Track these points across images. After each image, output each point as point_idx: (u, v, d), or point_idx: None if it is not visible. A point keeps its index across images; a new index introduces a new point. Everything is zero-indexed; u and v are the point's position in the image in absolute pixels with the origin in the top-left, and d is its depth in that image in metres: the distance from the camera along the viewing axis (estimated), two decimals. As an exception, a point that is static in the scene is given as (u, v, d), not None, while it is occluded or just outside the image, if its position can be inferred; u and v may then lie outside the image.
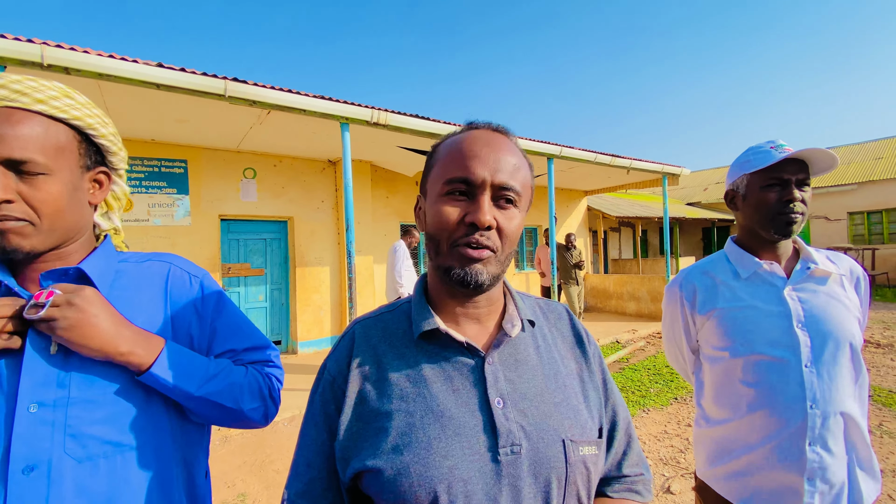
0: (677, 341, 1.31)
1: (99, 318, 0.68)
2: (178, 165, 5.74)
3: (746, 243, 1.21)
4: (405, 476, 0.56)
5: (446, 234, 0.61)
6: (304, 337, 6.63)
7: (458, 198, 0.61)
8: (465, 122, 0.69)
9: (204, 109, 4.48)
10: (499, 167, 0.61)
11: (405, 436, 0.58)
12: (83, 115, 0.73)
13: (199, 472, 0.86)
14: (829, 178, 15.00)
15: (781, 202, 1.10)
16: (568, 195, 10.58)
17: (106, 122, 0.78)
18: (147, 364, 0.72)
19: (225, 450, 3.51)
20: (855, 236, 14.45)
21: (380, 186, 7.48)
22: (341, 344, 0.69)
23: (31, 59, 3.14)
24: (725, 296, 1.18)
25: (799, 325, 1.08)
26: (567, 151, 6.82)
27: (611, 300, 9.84)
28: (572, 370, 0.70)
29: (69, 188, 0.71)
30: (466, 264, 0.60)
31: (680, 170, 8.61)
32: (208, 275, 0.91)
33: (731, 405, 1.14)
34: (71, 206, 0.72)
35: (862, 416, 1.07)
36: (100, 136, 0.76)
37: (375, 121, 4.86)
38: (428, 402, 0.60)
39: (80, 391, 0.69)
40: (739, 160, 1.19)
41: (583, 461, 0.61)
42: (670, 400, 4.38)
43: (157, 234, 5.56)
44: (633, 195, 16.89)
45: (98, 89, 3.86)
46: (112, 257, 0.81)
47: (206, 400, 0.78)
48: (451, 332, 0.64)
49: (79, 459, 0.67)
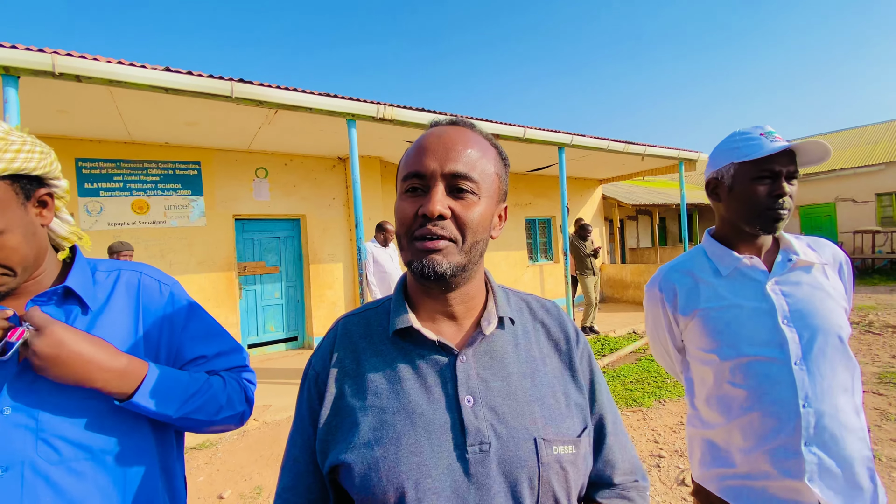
0: (662, 342, 1.26)
1: (63, 359, 0.68)
2: (192, 167, 5.85)
3: (726, 236, 1.16)
4: (374, 471, 0.57)
5: (405, 230, 0.62)
6: (319, 332, 6.73)
7: (415, 193, 0.62)
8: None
9: (213, 111, 4.54)
10: (450, 157, 0.61)
11: (376, 431, 0.59)
12: (6, 163, 0.68)
13: (177, 478, 0.88)
14: (855, 159, 14.46)
15: (771, 197, 1.04)
16: (582, 184, 10.44)
17: (28, 150, 0.72)
18: (126, 394, 0.73)
19: (242, 444, 3.60)
20: (883, 218, 13.91)
21: (389, 182, 7.50)
22: (325, 340, 0.71)
23: (44, 68, 3.22)
24: (707, 295, 1.12)
25: (785, 321, 1.03)
26: (578, 140, 6.72)
27: (628, 290, 9.70)
28: (554, 369, 0.69)
29: (24, 232, 0.72)
30: (423, 256, 0.60)
31: (697, 155, 8.41)
32: (178, 283, 0.93)
33: (723, 408, 1.09)
34: (31, 245, 0.73)
35: (856, 410, 1.02)
36: (30, 171, 0.73)
37: (382, 116, 4.87)
38: (400, 398, 0.61)
39: (52, 396, 0.71)
40: (725, 146, 1.12)
41: (558, 461, 0.60)
42: (679, 395, 4.30)
43: (174, 235, 5.69)
44: (650, 182, 16.57)
45: (110, 95, 3.95)
46: (87, 269, 0.83)
47: (185, 418, 0.80)
48: (422, 330, 0.64)
49: (52, 462, 0.69)
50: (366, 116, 4.79)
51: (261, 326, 6.55)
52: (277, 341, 6.70)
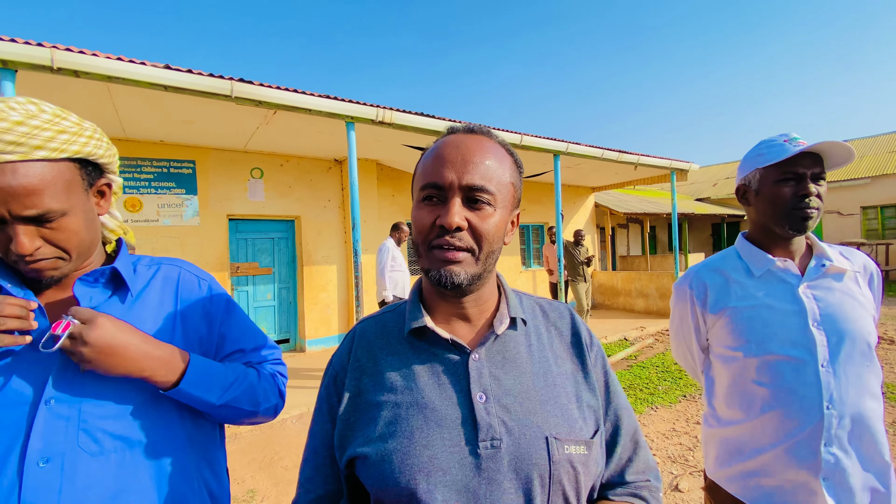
0: (686, 340, 1.28)
1: (116, 349, 0.70)
2: (187, 166, 5.79)
3: (759, 239, 1.18)
4: (388, 462, 0.60)
5: (422, 238, 0.64)
6: (311, 335, 6.68)
7: (432, 203, 0.63)
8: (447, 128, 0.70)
9: (210, 110, 4.51)
10: (467, 169, 0.62)
11: (391, 425, 0.62)
12: (80, 146, 0.72)
13: (220, 469, 0.90)
14: (841, 173, 14.76)
15: (797, 197, 1.07)
16: (575, 192, 10.53)
17: (98, 138, 0.77)
18: (171, 382, 0.76)
19: (234, 447, 3.55)
20: (868, 231, 14.21)
21: (386, 185, 7.50)
22: (345, 341, 0.75)
23: (42, 62, 3.18)
24: (738, 294, 1.14)
25: (815, 323, 1.05)
26: (574, 148, 6.78)
27: (619, 297, 9.78)
28: (566, 370, 0.70)
29: (85, 217, 0.75)
30: (441, 266, 0.62)
31: (689, 165, 8.52)
32: (214, 279, 0.95)
33: (744, 405, 1.12)
34: (89, 230, 0.76)
35: (879, 416, 1.04)
36: (97, 157, 0.77)
37: (381, 119, 4.87)
38: (415, 394, 0.64)
39: (96, 387, 0.72)
40: (751, 154, 1.16)
41: (569, 460, 0.61)
42: (679, 397, 4.35)
43: (167, 234, 5.63)
44: (642, 191, 16.74)
45: (107, 91, 3.91)
46: (129, 259, 0.86)
47: (226, 406, 0.83)
48: (436, 330, 0.66)
49: (91, 454, 0.70)
50: (365, 119, 4.79)
51: (252, 328, 6.49)
52: (269, 343, 6.64)
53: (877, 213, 14.07)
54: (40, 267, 0.70)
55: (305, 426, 3.88)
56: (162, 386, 0.75)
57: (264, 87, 4.15)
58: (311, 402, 4.29)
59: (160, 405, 0.78)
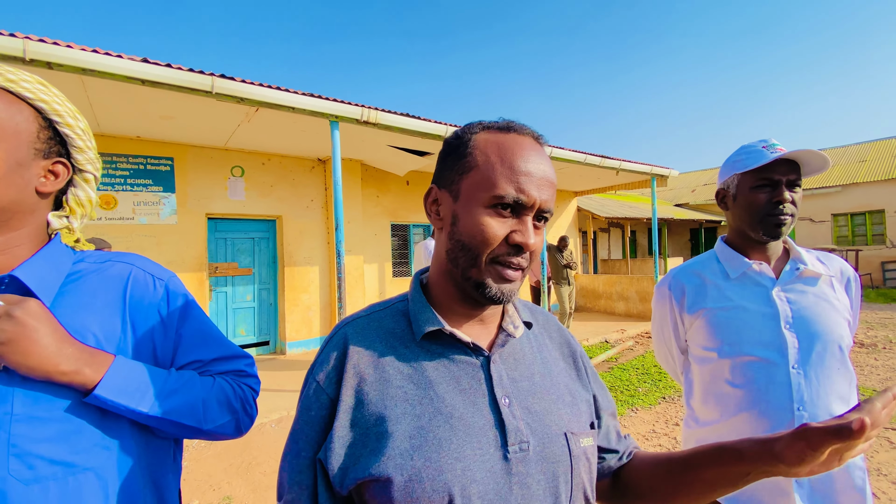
0: (666, 341, 1.30)
1: (39, 334, 0.63)
2: (164, 163, 5.65)
3: (736, 243, 1.20)
4: (418, 481, 0.53)
5: (487, 249, 0.60)
6: (292, 337, 6.57)
7: (502, 212, 0.59)
8: (500, 119, 0.65)
9: (190, 106, 4.41)
10: (545, 188, 0.61)
11: (413, 439, 0.56)
12: (51, 100, 0.70)
13: (170, 492, 0.80)
14: (813, 181, 15.25)
15: (771, 203, 1.09)
16: (558, 196, 10.62)
17: (77, 116, 0.75)
18: (92, 384, 0.66)
19: (210, 452, 3.46)
20: (839, 237, 14.71)
21: (370, 185, 7.44)
22: (328, 348, 0.64)
23: (13, 53, 3.07)
24: (714, 296, 1.17)
25: (787, 325, 1.07)
26: (557, 152, 6.84)
27: (600, 300, 9.90)
28: (562, 369, 0.72)
29: (10, 161, 0.66)
30: (502, 283, 0.60)
31: (668, 171, 8.69)
32: (175, 278, 0.84)
33: (719, 406, 1.13)
34: (8, 180, 0.66)
35: None
36: (64, 126, 0.73)
37: (366, 119, 4.83)
38: (435, 403, 0.59)
39: (25, 407, 0.64)
40: (731, 159, 1.18)
41: (584, 452, 0.63)
42: (658, 399, 4.40)
43: (143, 232, 5.47)
44: (623, 196, 17.01)
45: (81, 85, 3.79)
46: (60, 259, 0.75)
47: (163, 419, 0.72)
48: (457, 333, 0.63)
49: (25, 482, 0.62)
50: (349, 119, 4.74)
51: (231, 330, 6.35)
52: (248, 346, 6.50)
53: (847, 220, 14.57)
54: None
55: (284, 431, 3.80)
56: (82, 388, 0.66)
57: (246, 83, 4.07)
58: (290, 406, 4.21)
59: (109, 424, 0.69)
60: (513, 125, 0.64)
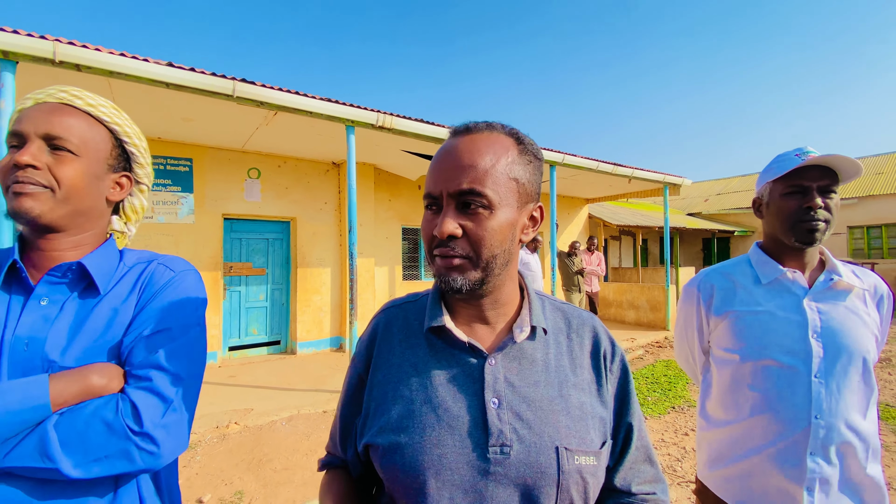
0: (689, 341, 1.31)
1: None
2: (184, 164, 5.77)
3: (771, 250, 1.20)
4: (399, 455, 0.62)
5: (427, 246, 0.66)
6: (303, 337, 6.64)
7: (432, 211, 0.65)
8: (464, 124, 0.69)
9: (211, 109, 4.52)
10: (455, 175, 0.61)
11: (403, 419, 0.64)
12: (123, 123, 0.82)
13: (168, 484, 0.79)
14: (829, 192, 15.03)
15: (802, 209, 1.08)
16: (569, 203, 10.61)
17: (141, 137, 0.87)
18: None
19: (222, 447, 3.52)
20: (855, 250, 14.47)
21: (382, 189, 7.52)
22: (366, 332, 0.77)
23: (44, 55, 3.18)
24: (743, 299, 1.17)
25: (814, 335, 1.07)
26: (570, 159, 6.86)
27: (610, 308, 9.84)
28: (582, 381, 0.69)
29: (90, 174, 0.77)
30: (442, 273, 0.64)
31: (681, 180, 8.65)
32: (191, 274, 0.83)
33: (736, 408, 1.14)
34: (88, 189, 0.77)
35: (870, 433, 1.05)
36: (131, 145, 0.84)
37: (381, 124, 4.91)
38: (428, 392, 0.65)
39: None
40: (766, 168, 1.19)
41: (578, 470, 0.61)
42: (668, 409, 4.38)
43: (161, 231, 5.59)
44: (634, 204, 16.93)
45: (108, 86, 3.90)
46: (114, 255, 0.82)
47: (12, 473, 0.62)
48: (454, 331, 0.67)
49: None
50: (365, 123, 4.82)
51: (243, 329, 6.45)
52: (259, 344, 6.60)
53: (863, 232, 14.34)
54: (23, 191, 0.70)
55: (295, 428, 3.86)
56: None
57: (266, 87, 4.17)
58: (300, 405, 4.27)
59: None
60: (453, 129, 0.67)
